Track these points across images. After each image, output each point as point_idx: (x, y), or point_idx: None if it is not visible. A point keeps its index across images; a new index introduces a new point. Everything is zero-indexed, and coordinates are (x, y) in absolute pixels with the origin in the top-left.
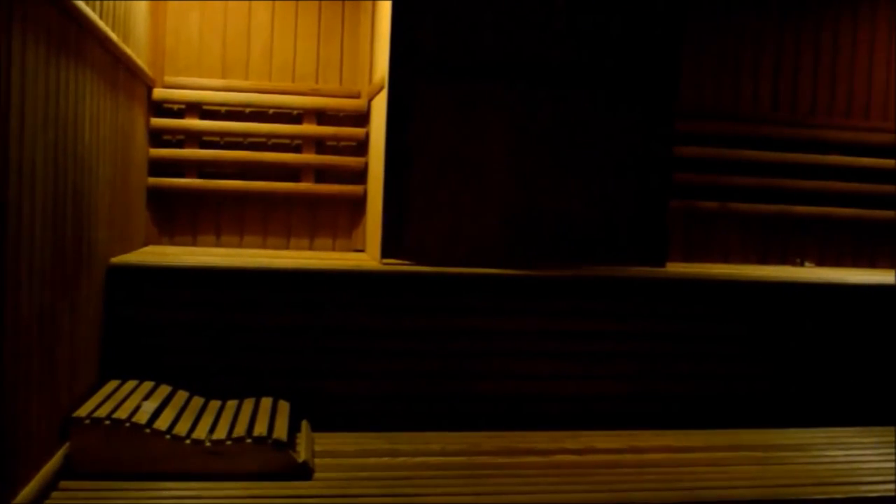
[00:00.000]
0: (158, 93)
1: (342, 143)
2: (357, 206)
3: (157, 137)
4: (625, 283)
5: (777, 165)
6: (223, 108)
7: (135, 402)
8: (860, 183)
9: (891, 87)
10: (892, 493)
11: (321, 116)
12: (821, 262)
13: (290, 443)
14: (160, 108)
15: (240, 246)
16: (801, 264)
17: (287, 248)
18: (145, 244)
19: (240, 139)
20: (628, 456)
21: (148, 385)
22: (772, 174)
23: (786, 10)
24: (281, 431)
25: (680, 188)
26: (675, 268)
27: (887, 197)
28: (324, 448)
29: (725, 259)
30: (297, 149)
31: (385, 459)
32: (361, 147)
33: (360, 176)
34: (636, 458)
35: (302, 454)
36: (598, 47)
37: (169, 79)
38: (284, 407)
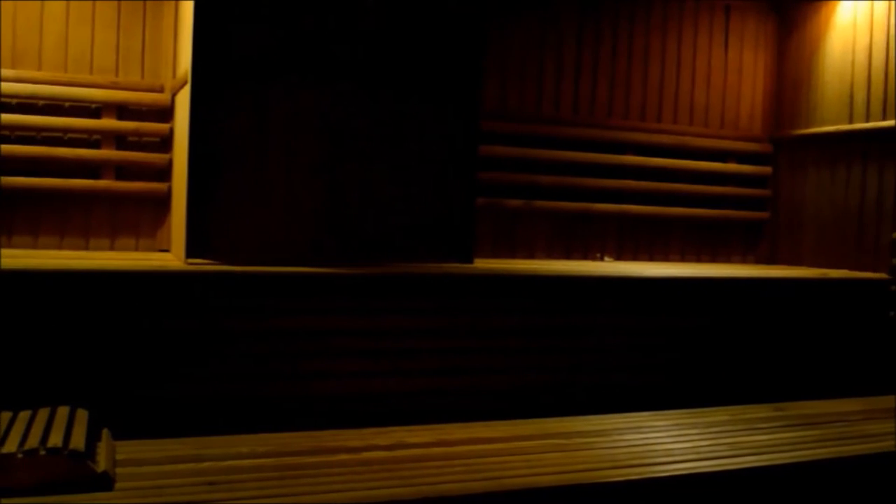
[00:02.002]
0: None
1: (145, 139)
2: (161, 204)
3: None
4: (431, 280)
5: (578, 165)
6: (13, 101)
7: None
8: (654, 182)
9: (680, 90)
10: (685, 472)
11: (122, 111)
12: (619, 256)
13: (89, 453)
14: None
15: (34, 247)
16: (602, 259)
17: (86, 248)
18: None
19: (33, 133)
20: (437, 449)
21: None
22: (574, 173)
23: (585, 16)
24: (78, 441)
25: (487, 187)
26: (482, 264)
27: (679, 195)
28: (127, 456)
29: (530, 255)
30: (95, 144)
31: (191, 465)
32: (165, 143)
33: (165, 173)
34: (444, 450)
35: (101, 464)
36: (403, 47)
37: None
38: (83, 415)
